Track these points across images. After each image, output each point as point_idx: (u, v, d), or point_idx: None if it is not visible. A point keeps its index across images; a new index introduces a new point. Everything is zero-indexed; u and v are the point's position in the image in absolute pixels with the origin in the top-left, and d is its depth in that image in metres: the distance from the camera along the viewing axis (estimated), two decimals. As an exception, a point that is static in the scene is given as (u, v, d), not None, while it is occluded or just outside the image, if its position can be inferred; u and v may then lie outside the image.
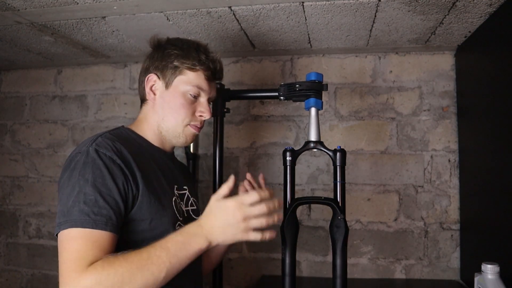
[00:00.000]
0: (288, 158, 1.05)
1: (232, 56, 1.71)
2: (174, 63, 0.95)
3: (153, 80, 0.97)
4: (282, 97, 1.19)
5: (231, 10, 1.22)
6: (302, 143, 1.11)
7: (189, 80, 0.96)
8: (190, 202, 1.04)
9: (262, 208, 0.81)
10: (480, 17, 1.24)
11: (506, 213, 1.12)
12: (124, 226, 0.83)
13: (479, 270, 0.98)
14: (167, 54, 0.96)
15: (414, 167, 1.60)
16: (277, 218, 0.84)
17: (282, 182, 1.08)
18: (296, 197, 1.06)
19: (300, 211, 1.66)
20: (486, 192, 1.30)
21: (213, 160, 1.34)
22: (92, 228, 0.75)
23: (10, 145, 1.90)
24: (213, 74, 1.00)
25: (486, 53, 1.30)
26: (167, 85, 0.96)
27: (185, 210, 1.00)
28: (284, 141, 1.69)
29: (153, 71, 0.97)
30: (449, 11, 1.20)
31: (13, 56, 1.72)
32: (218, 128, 1.33)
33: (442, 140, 1.59)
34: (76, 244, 0.74)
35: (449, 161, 1.58)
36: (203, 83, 0.97)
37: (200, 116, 1.00)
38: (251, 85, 1.72)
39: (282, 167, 1.07)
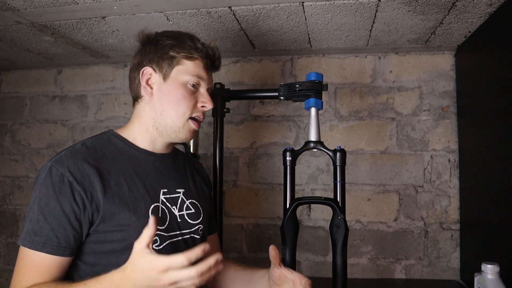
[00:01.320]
0: (288, 158, 1.05)
1: (232, 56, 1.71)
2: (170, 53, 0.90)
3: (149, 74, 0.91)
4: (282, 97, 1.19)
5: (231, 10, 1.22)
6: (302, 143, 1.11)
7: (188, 69, 0.90)
8: (185, 205, 0.98)
9: (191, 272, 0.66)
10: (480, 17, 1.24)
11: (506, 213, 1.12)
12: (91, 236, 0.82)
13: (479, 270, 0.98)
14: (161, 45, 0.91)
15: (414, 167, 1.60)
16: (215, 271, 0.69)
17: (282, 182, 1.08)
18: (296, 197, 1.06)
19: (300, 211, 1.66)
20: (486, 192, 1.30)
21: (213, 160, 1.34)
22: (30, 248, 0.77)
23: (10, 145, 1.90)
24: (212, 62, 0.95)
25: (486, 53, 1.30)
26: (165, 77, 0.90)
27: (179, 215, 0.94)
28: (284, 141, 1.69)
29: (148, 64, 0.91)
30: (449, 11, 1.20)
31: (13, 56, 1.72)
32: (218, 128, 1.33)
33: (442, 140, 1.59)
34: (19, 264, 0.78)
35: (449, 161, 1.58)
36: (202, 72, 0.92)
37: (203, 106, 0.94)
38: (251, 85, 1.72)
39: (282, 167, 1.07)
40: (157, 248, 0.87)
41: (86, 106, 1.84)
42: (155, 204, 0.90)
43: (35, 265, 0.77)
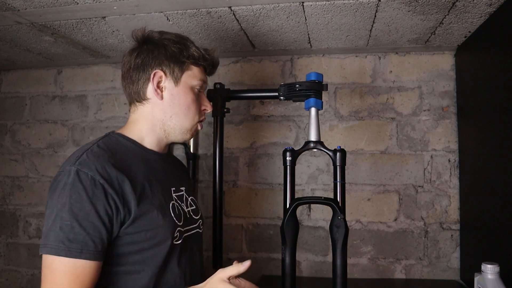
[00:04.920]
0: (288, 158, 1.05)
1: (232, 56, 1.71)
2: (182, 59, 0.93)
3: (159, 77, 0.92)
4: (282, 97, 1.19)
5: (231, 10, 1.22)
6: (302, 143, 1.11)
7: (195, 74, 0.95)
8: (188, 202, 1.02)
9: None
10: (480, 17, 1.24)
11: (506, 213, 1.12)
12: (118, 239, 0.82)
13: (479, 270, 0.98)
14: (170, 49, 0.92)
15: (414, 167, 1.60)
16: None
17: (282, 182, 1.08)
18: (296, 197, 1.06)
19: (300, 211, 1.66)
20: (486, 192, 1.30)
21: (213, 160, 1.34)
22: (66, 256, 0.74)
23: (10, 145, 1.91)
24: (213, 68, 1.01)
25: (486, 53, 1.30)
26: (176, 82, 0.93)
27: (187, 211, 0.99)
28: (284, 141, 1.69)
29: (158, 67, 0.91)
30: (449, 11, 1.20)
31: (13, 56, 1.72)
32: (218, 128, 1.33)
33: (442, 140, 1.59)
34: (53, 275, 0.74)
35: (449, 161, 1.58)
36: (205, 77, 0.99)
37: (204, 110, 1.00)
38: (251, 85, 1.72)
39: (282, 167, 1.07)
40: (176, 242, 0.90)
41: (86, 106, 1.85)
42: (172, 202, 0.93)
43: (73, 274, 0.74)
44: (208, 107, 1.00)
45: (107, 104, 1.83)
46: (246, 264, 0.81)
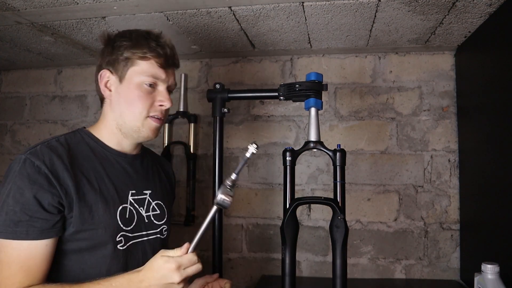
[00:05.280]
0: (288, 158, 1.05)
1: (232, 56, 1.71)
2: (124, 54, 0.90)
3: (107, 76, 0.92)
4: (282, 97, 1.19)
5: (231, 10, 1.22)
6: (302, 143, 1.11)
7: (142, 70, 0.90)
8: (151, 206, 1.00)
9: (197, 267, 0.81)
10: (480, 17, 1.24)
11: (506, 213, 1.12)
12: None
13: (479, 270, 0.98)
14: (117, 47, 0.91)
15: (414, 167, 1.60)
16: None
17: (282, 182, 1.08)
18: (296, 197, 1.06)
19: (300, 211, 1.66)
20: (486, 192, 1.30)
21: (213, 160, 1.34)
22: (13, 239, 0.77)
23: (10, 145, 1.90)
24: (166, 60, 0.93)
25: (486, 53, 1.30)
26: (120, 79, 0.91)
27: (146, 216, 0.97)
28: (284, 141, 1.69)
29: (105, 67, 0.92)
30: (449, 11, 1.20)
31: (13, 56, 1.72)
32: (218, 128, 1.33)
33: (442, 140, 1.59)
34: (4, 258, 0.77)
35: (449, 161, 1.58)
36: (158, 71, 0.92)
37: (160, 105, 0.93)
38: (251, 85, 1.72)
39: (282, 167, 1.07)
40: (121, 248, 0.89)
41: (86, 106, 1.84)
42: (123, 205, 0.92)
43: (21, 255, 0.77)
44: (164, 103, 0.93)
45: (107, 104, 1.82)
46: (184, 245, 0.82)
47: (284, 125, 1.69)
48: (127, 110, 0.91)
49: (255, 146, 0.83)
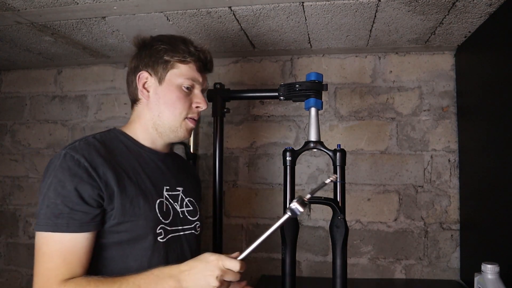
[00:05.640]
0: (288, 158, 1.05)
1: (232, 56, 1.71)
2: (164, 57, 0.94)
3: (145, 77, 0.96)
4: (282, 97, 1.19)
5: (231, 10, 1.22)
6: (302, 143, 1.11)
7: (182, 72, 0.95)
8: (184, 203, 1.03)
9: (236, 276, 0.83)
10: (480, 17, 1.24)
11: (506, 213, 1.12)
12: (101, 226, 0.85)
13: (479, 270, 0.98)
14: (155, 50, 0.95)
15: (414, 167, 1.60)
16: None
17: (282, 182, 1.08)
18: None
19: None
20: (486, 192, 1.30)
21: (213, 160, 1.34)
22: (54, 231, 0.78)
23: (10, 145, 1.90)
24: (204, 65, 1.00)
25: (486, 53, 1.30)
26: (160, 81, 0.95)
27: (180, 211, 1.00)
28: (284, 141, 1.69)
29: (143, 69, 0.96)
30: (449, 11, 1.20)
31: (13, 56, 1.72)
32: (218, 128, 1.33)
33: (442, 140, 1.59)
34: (42, 250, 0.79)
35: (449, 161, 1.58)
36: (196, 75, 0.97)
37: (197, 107, 0.99)
38: (251, 85, 1.72)
39: (282, 167, 1.07)
40: (161, 240, 0.91)
41: (86, 106, 1.85)
42: (160, 199, 0.94)
43: (63, 248, 0.78)
44: (201, 105, 0.99)
45: (107, 104, 1.83)
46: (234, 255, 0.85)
47: (284, 125, 1.69)
48: (167, 110, 0.95)
49: (336, 176, 0.88)
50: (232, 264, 0.81)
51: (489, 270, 0.95)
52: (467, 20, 1.27)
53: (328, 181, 0.85)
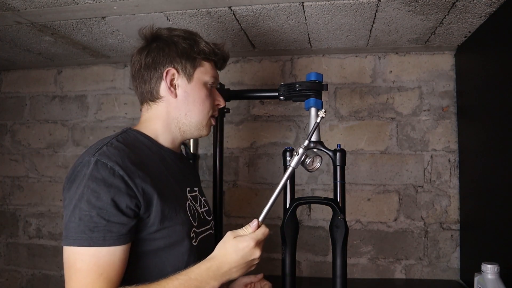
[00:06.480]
0: (288, 158, 1.05)
1: (232, 56, 1.71)
2: (193, 55, 0.91)
3: (172, 74, 0.91)
4: (282, 97, 1.19)
5: (231, 10, 1.22)
6: (302, 143, 1.11)
7: (207, 70, 0.94)
8: (201, 203, 1.01)
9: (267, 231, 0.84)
10: (480, 17, 1.24)
11: (506, 213, 1.12)
12: (136, 235, 0.80)
13: (479, 270, 0.98)
14: (181, 46, 0.91)
15: (414, 167, 1.60)
16: None
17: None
18: (296, 197, 1.06)
19: (300, 211, 1.66)
20: (486, 192, 1.30)
21: (213, 160, 1.34)
22: (89, 246, 0.73)
23: (10, 145, 1.90)
24: (224, 63, 1.01)
25: (486, 53, 1.30)
26: (189, 79, 0.92)
27: (200, 212, 0.97)
28: (284, 141, 1.69)
29: (169, 65, 0.90)
30: (449, 11, 1.20)
31: (13, 56, 1.72)
32: (218, 128, 1.33)
33: (442, 140, 1.59)
34: (76, 266, 0.73)
35: (449, 161, 1.58)
36: (216, 72, 0.98)
37: (218, 104, 0.99)
38: (251, 85, 1.72)
39: (282, 167, 1.07)
40: (194, 244, 0.89)
41: (86, 106, 1.85)
42: (187, 202, 0.92)
43: (100, 262, 0.73)
44: (221, 102, 0.99)
45: (107, 104, 1.83)
46: (254, 221, 0.83)
47: (284, 125, 1.69)
48: (196, 109, 0.93)
49: (323, 111, 0.86)
50: (261, 233, 0.81)
51: (489, 270, 0.95)
52: (467, 20, 1.27)
53: (319, 119, 0.86)
